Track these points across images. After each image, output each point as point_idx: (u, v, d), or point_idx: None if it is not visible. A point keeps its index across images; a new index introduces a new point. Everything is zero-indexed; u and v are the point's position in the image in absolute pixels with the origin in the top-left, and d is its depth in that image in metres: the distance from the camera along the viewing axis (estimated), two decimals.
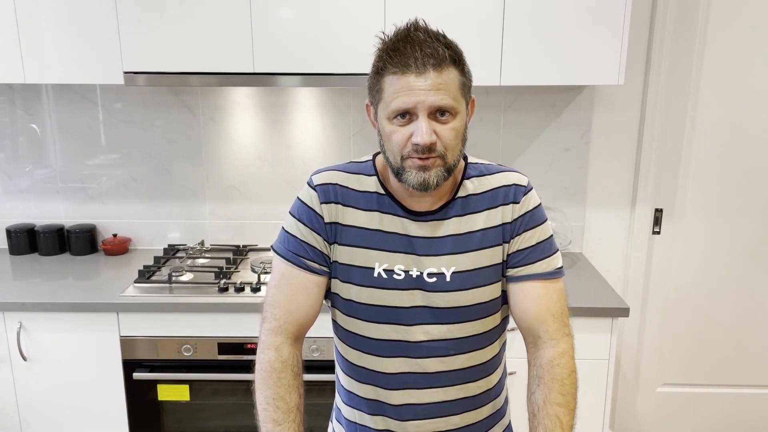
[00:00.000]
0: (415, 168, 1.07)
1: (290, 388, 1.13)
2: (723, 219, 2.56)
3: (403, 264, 1.16)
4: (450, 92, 1.05)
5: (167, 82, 2.12)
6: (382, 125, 1.10)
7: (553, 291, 1.16)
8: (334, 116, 2.49)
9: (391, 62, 1.05)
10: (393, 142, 1.08)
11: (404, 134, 1.06)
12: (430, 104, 1.04)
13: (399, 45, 1.05)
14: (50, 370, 2.11)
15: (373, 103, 1.12)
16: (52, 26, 2.07)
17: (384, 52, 1.07)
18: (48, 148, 2.54)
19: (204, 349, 2.07)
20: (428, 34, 1.06)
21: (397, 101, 1.05)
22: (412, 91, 1.03)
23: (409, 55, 1.03)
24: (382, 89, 1.07)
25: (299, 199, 1.21)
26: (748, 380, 2.73)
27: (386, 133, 1.09)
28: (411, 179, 1.08)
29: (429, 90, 1.03)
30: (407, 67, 1.03)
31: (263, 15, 2.03)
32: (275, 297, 1.19)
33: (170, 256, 2.44)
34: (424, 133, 1.04)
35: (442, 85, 1.04)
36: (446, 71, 1.05)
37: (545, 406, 1.09)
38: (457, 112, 1.07)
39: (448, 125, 1.07)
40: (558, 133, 2.48)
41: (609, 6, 2.01)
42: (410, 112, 1.05)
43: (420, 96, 1.03)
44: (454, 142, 1.08)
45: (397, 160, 1.09)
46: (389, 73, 1.06)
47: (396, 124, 1.07)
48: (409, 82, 1.03)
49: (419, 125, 1.05)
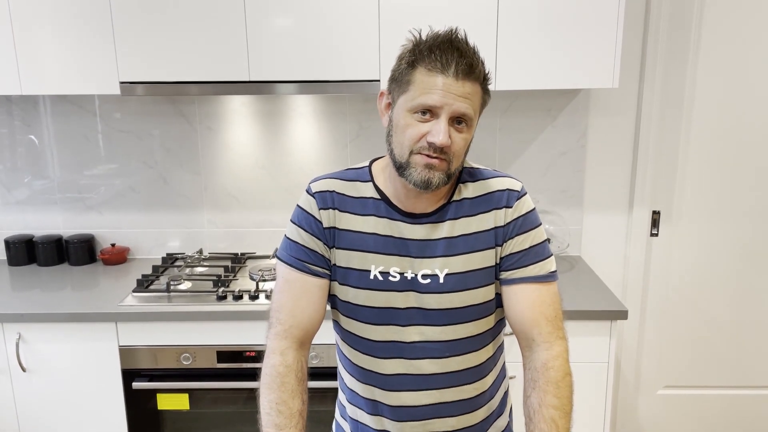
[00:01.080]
0: (422, 165, 1.09)
1: (293, 394, 1.14)
2: (720, 220, 2.56)
3: (399, 266, 1.18)
4: (473, 105, 1.09)
5: (164, 91, 2.13)
6: (398, 116, 1.11)
7: (546, 294, 1.17)
8: (331, 123, 2.50)
9: (430, 58, 1.07)
10: (407, 135, 1.09)
11: (420, 130, 1.08)
12: (456, 109, 1.07)
13: (443, 45, 1.07)
14: (49, 381, 2.11)
15: (394, 92, 1.13)
16: (48, 38, 2.08)
17: (424, 47, 1.08)
18: (46, 159, 2.55)
19: (203, 358, 2.07)
20: (468, 46, 1.10)
21: (426, 97, 1.06)
22: (444, 92, 1.06)
23: (451, 58, 1.06)
24: (411, 81, 1.09)
25: (299, 207, 1.24)
26: (748, 381, 2.73)
27: (401, 125, 1.10)
28: (415, 176, 1.10)
29: (459, 96, 1.06)
30: (447, 67, 1.06)
31: (258, 23, 2.04)
32: (280, 302, 1.21)
33: (168, 265, 2.45)
34: (442, 134, 1.06)
35: (470, 95, 1.08)
36: (476, 84, 1.09)
37: (541, 409, 1.10)
38: (471, 125, 1.11)
39: (462, 134, 1.10)
40: (554, 136, 2.49)
41: (602, 10, 2.02)
42: (433, 111, 1.07)
43: (449, 99, 1.06)
44: (462, 151, 1.12)
45: (404, 153, 1.11)
46: (425, 68, 1.07)
47: (415, 118, 1.09)
48: (444, 82, 1.06)
49: (439, 125, 1.07)
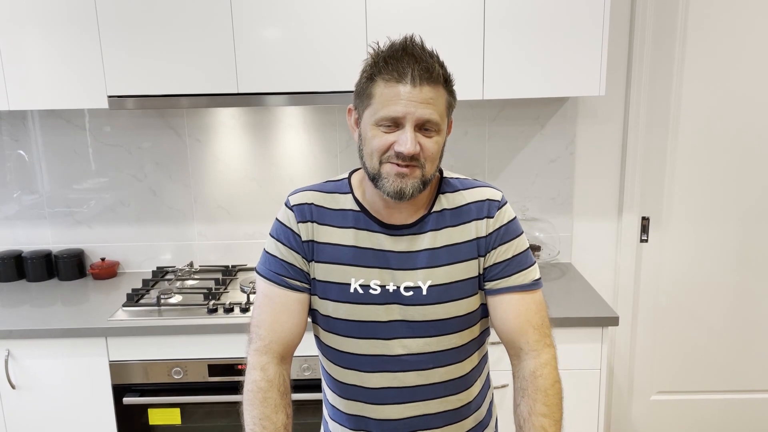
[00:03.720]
0: (393, 175, 1.08)
1: (277, 408, 1.12)
2: (709, 225, 2.58)
3: (379, 279, 1.17)
4: (438, 109, 1.07)
5: (152, 105, 2.12)
6: (365, 130, 1.11)
7: (531, 302, 1.17)
8: (320, 134, 2.50)
9: (386, 69, 1.06)
10: (374, 145, 1.09)
11: (387, 140, 1.08)
12: (420, 116, 1.06)
13: (397, 54, 1.06)
14: (39, 398, 2.09)
15: (359, 107, 1.13)
16: (35, 53, 2.07)
17: (380, 59, 1.08)
18: (35, 174, 2.54)
19: (194, 372, 2.06)
20: (424, 51, 1.08)
21: (387, 109, 1.06)
22: (404, 101, 1.05)
23: (407, 66, 1.05)
24: (372, 94, 1.08)
25: (277, 220, 1.22)
26: (741, 385, 2.73)
27: (368, 138, 1.10)
28: (387, 186, 1.09)
29: (420, 102, 1.05)
30: (403, 76, 1.05)
31: (246, 35, 2.04)
32: (259, 317, 1.19)
33: (159, 279, 2.43)
34: (409, 143, 1.05)
35: (432, 100, 1.06)
36: (436, 87, 1.07)
37: (530, 417, 1.10)
38: (441, 129, 1.10)
39: (431, 139, 1.09)
40: (543, 144, 2.50)
41: (588, 19, 2.04)
42: (398, 121, 1.07)
43: (411, 107, 1.05)
44: (435, 155, 1.10)
45: (374, 164, 1.10)
46: (383, 80, 1.07)
47: (381, 130, 1.08)
48: (403, 91, 1.05)
49: (405, 135, 1.06)
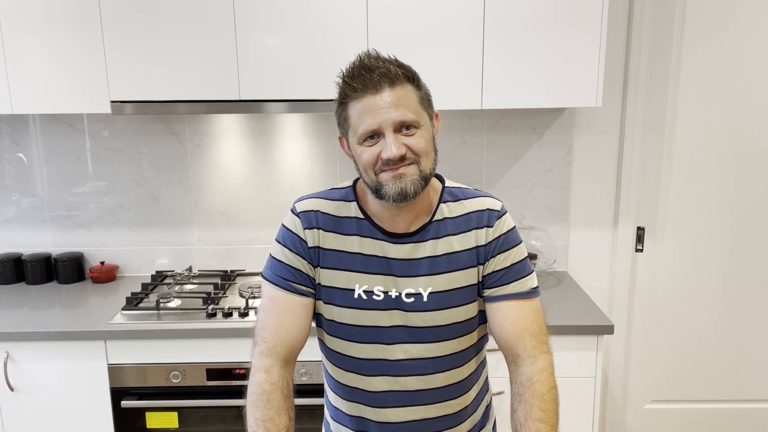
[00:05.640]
0: (391, 179, 1.11)
1: (280, 411, 1.14)
2: (704, 235, 2.61)
3: (383, 285, 1.20)
4: (410, 107, 1.10)
5: (154, 110, 2.14)
6: (354, 151, 1.15)
7: (529, 310, 1.20)
8: (320, 141, 2.52)
9: (349, 89, 1.11)
10: (364, 160, 1.12)
11: (374, 152, 1.11)
12: (393, 120, 1.09)
13: (355, 72, 1.11)
14: (38, 400, 2.10)
15: (344, 133, 1.17)
16: (39, 57, 2.09)
17: (343, 82, 1.12)
18: (35, 177, 2.55)
19: (192, 376, 2.07)
20: (380, 59, 1.12)
21: (363, 124, 1.10)
22: (374, 111, 1.09)
23: (365, 78, 1.09)
24: (349, 116, 1.13)
25: (284, 226, 1.26)
26: (735, 395, 2.76)
27: (358, 156, 1.14)
28: (389, 191, 1.12)
29: (389, 107, 1.08)
30: (366, 88, 1.09)
31: (248, 42, 2.07)
32: (265, 321, 1.21)
33: (158, 283, 2.45)
34: (392, 148, 1.08)
35: (400, 101, 1.09)
36: (401, 87, 1.10)
37: (527, 423, 1.12)
38: (421, 124, 1.12)
39: (414, 135, 1.11)
40: (540, 154, 2.53)
41: (585, 30, 2.07)
42: (377, 132, 1.10)
43: (383, 114, 1.08)
44: (425, 148, 1.13)
45: (371, 178, 1.13)
46: (351, 100, 1.11)
47: (366, 145, 1.11)
48: (369, 102, 1.09)
49: (387, 141, 1.09)
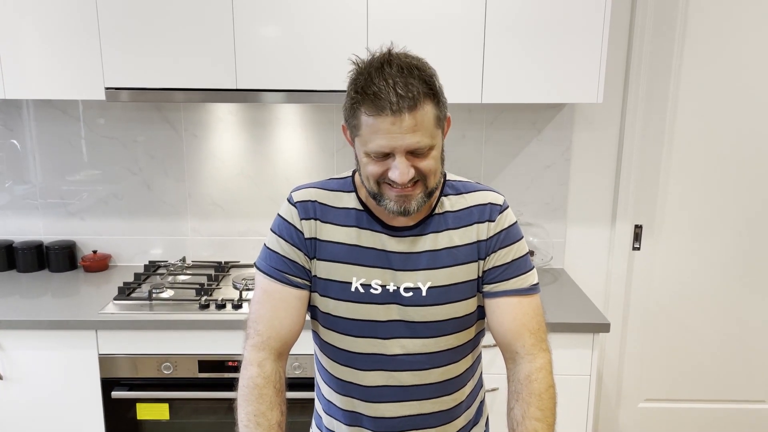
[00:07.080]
0: (394, 197, 1.09)
1: (272, 405, 1.12)
2: (702, 234, 2.60)
3: (381, 279, 1.17)
4: (426, 130, 1.04)
5: (149, 98, 2.11)
6: (358, 153, 1.11)
7: (528, 307, 1.18)
8: (317, 133, 2.50)
9: (364, 103, 1.02)
10: (369, 171, 1.08)
11: (380, 168, 1.07)
12: (407, 146, 1.03)
13: (373, 83, 1.01)
14: (28, 389, 2.07)
15: (350, 129, 1.10)
16: (33, 42, 2.06)
17: (359, 90, 1.03)
18: (28, 164, 2.52)
19: (184, 367, 2.05)
20: (401, 70, 1.02)
21: (374, 143, 1.04)
22: (388, 135, 1.02)
23: (384, 98, 1.00)
24: (359, 125, 1.05)
25: (280, 216, 1.22)
26: (729, 395, 2.75)
27: (362, 162, 1.10)
28: (390, 207, 1.10)
29: (405, 133, 1.02)
30: (382, 110, 1.00)
31: (246, 31, 2.04)
32: (258, 313, 1.19)
33: (151, 273, 2.42)
34: (402, 173, 1.04)
35: (417, 126, 1.02)
36: (421, 110, 1.02)
37: (524, 421, 1.10)
38: (434, 144, 1.07)
39: (425, 158, 1.07)
40: (539, 150, 2.51)
41: (587, 26, 2.05)
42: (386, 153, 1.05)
43: (396, 140, 1.03)
44: (434, 168, 1.09)
45: (372, 186, 1.11)
46: (364, 114, 1.03)
47: (374, 158, 1.07)
48: (385, 125, 1.01)
49: (397, 165, 1.05)
